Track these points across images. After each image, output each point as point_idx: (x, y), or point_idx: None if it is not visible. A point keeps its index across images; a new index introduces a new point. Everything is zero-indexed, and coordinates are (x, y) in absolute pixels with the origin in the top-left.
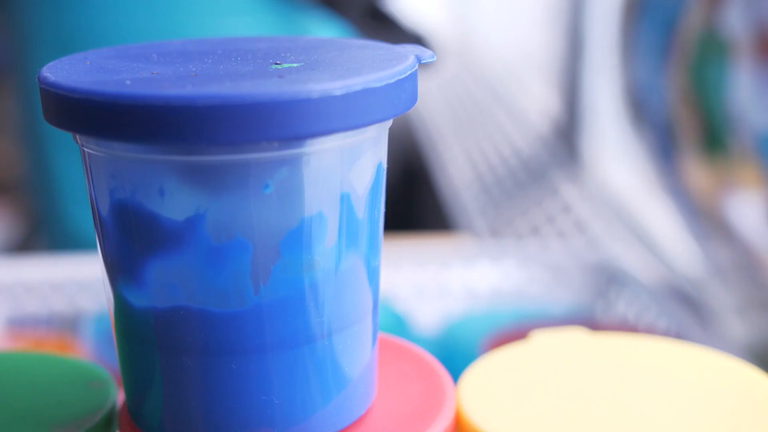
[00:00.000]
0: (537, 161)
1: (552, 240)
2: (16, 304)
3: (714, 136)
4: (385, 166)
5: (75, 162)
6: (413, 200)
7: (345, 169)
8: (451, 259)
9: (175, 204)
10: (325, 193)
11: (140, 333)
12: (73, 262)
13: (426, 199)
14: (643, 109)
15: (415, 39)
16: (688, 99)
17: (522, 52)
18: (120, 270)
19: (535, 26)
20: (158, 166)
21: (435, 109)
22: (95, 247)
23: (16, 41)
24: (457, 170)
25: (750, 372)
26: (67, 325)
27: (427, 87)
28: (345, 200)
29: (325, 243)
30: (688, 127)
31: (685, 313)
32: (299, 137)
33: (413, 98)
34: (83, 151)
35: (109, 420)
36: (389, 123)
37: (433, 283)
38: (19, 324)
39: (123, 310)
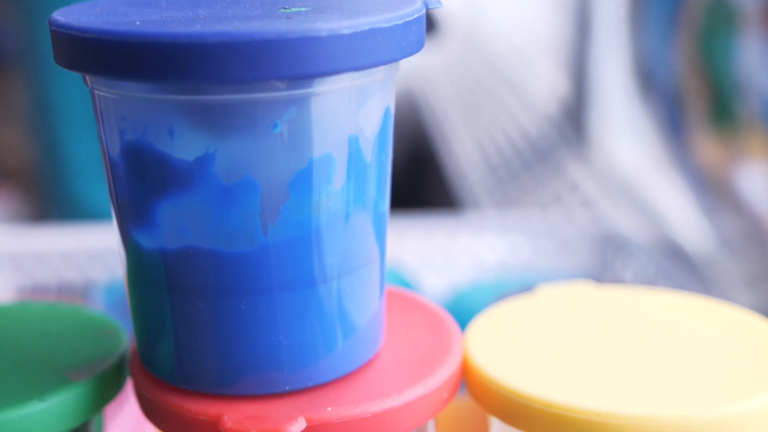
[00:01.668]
0: (544, 141)
1: (559, 215)
2: (27, 273)
3: (722, 106)
4: (393, 111)
5: (85, 142)
6: (420, 182)
7: (353, 110)
8: (459, 231)
9: (185, 144)
10: (333, 134)
11: (150, 275)
12: (84, 232)
13: (433, 181)
14: (651, 81)
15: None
16: (696, 69)
17: (529, 31)
18: (130, 212)
19: (542, 5)
20: (168, 106)
21: (442, 91)
22: (104, 222)
23: (25, 27)
24: (464, 152)
25: (754, 319)
26: (77, 294)
27: (434, 68)
28: (353, 142)
29: (333, 184)
30: (697, 98)
31: (692, 284)
32: (307, 76)
33: (420, 41)
34: (93, 93)
35: (120, 365)
36: (397, 67)
37: (441, 254)
38: (30, 293)
39: (133, 252)
